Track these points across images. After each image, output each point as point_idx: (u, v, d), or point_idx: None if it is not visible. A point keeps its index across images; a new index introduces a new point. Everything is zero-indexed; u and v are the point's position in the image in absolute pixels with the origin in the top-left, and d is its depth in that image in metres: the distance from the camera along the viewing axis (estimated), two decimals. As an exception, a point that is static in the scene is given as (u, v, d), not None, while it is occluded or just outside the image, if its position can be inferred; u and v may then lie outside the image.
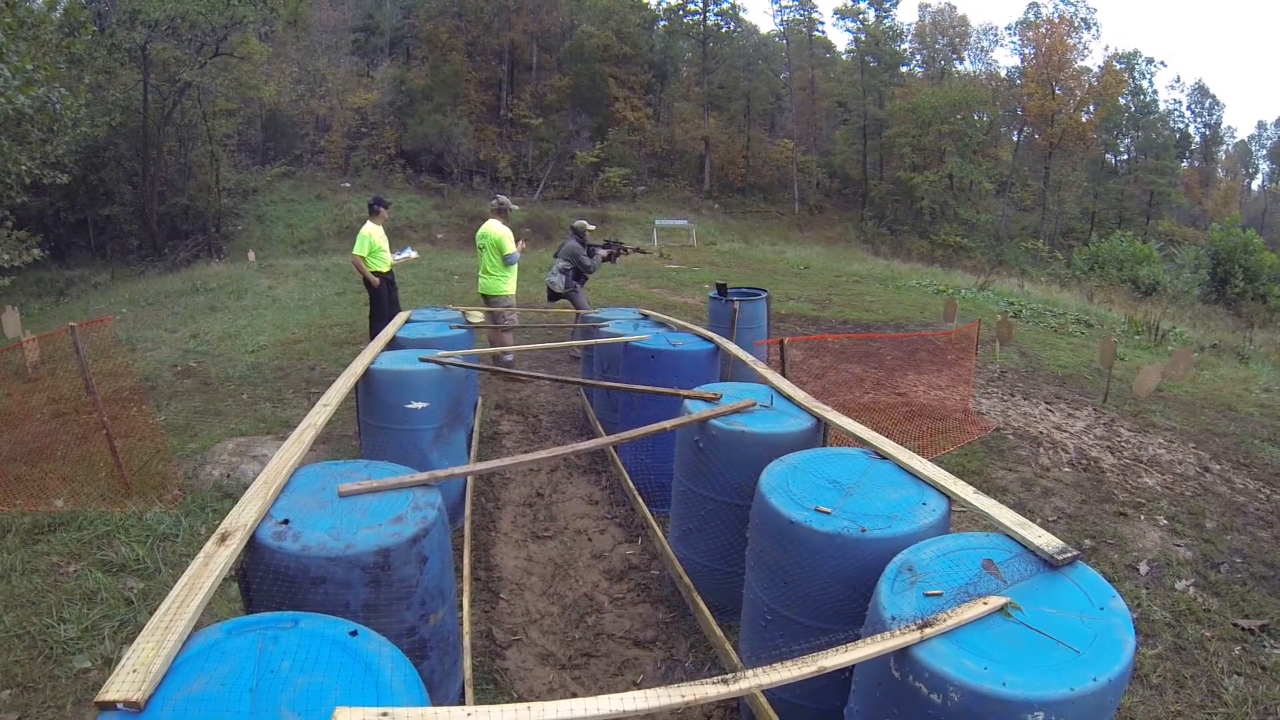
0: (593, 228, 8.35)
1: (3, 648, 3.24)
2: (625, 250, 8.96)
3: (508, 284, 7.59)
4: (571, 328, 8.14)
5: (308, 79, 32.08)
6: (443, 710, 1.48)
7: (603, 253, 8.37)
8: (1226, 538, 4.61)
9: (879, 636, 1.80)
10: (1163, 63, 75.71)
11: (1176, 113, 50.71)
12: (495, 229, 7.47)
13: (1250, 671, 3.31)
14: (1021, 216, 43.92)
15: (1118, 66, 44.61)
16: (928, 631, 1.77)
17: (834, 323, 11.75)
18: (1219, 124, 53.75)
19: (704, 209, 38.90)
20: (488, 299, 7.63)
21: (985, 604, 1.86)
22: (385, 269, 7.88)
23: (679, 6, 44.25)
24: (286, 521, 2.22)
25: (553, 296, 8.32)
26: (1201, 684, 3.22)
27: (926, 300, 15.02)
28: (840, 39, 55.24)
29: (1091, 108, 43.95)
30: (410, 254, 8.82)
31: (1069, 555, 2.04)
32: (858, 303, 13.96)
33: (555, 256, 8.27)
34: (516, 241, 7.66)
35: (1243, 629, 3.62)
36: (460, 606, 3.30)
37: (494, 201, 7.78)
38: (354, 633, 1.69)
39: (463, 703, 2.75)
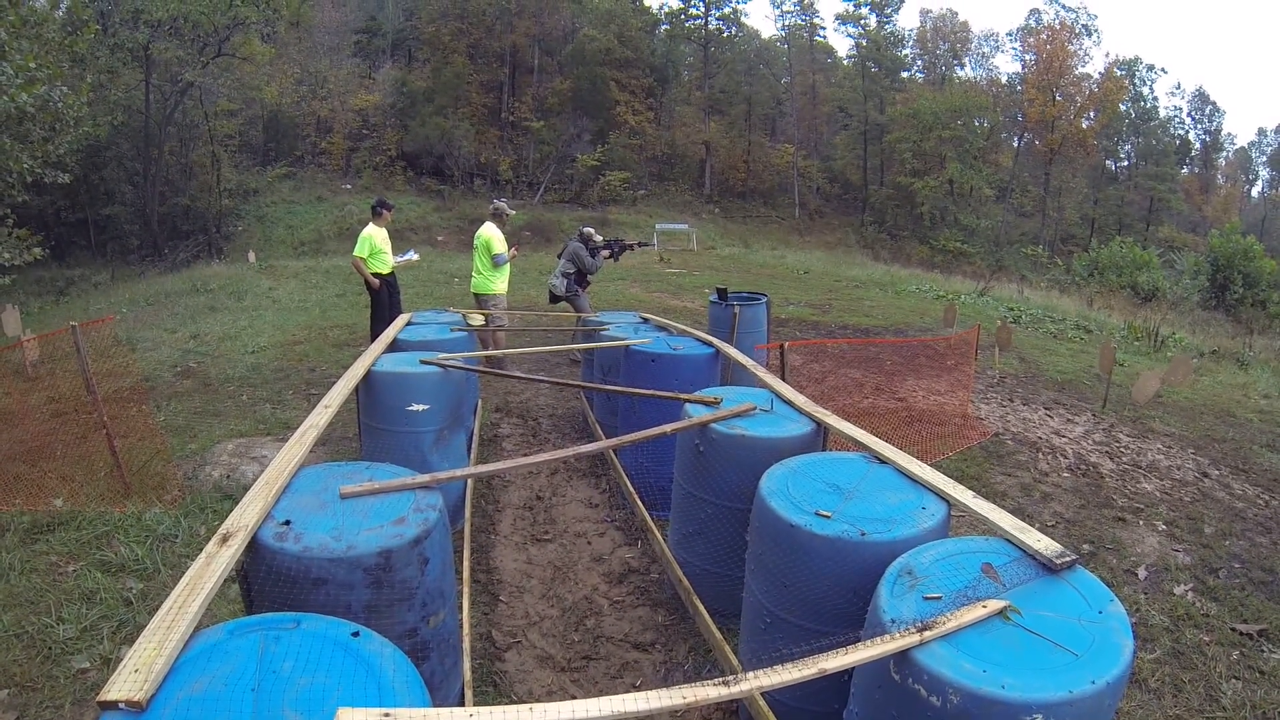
0: (600, 238, 8.39)
1: (1, 647, 3.24)
2: (629, 246, 8.98)
3: (497, 284, 7.72)
4: (572, 331, 8.16)
5: (309, 80, 32.19)
6: (445, 711, 1.48)
7: (604, 252, 8.39)
8: (1225, 543, 4.61)
9: (879, 639, 1.80)
10: (1163, 69, 75.99)
11: (1177, 119, 50.86)
12: (487, 231, 7.66)
13: (1248, 676, 3.32)
14: (1021, 222, 43.99)
15: (1118, 73, 44.75)
16: (927, 635, 1.77)
17: (834, 328, 11.76)
18: (1219, 130, 53.90)
19: (704, 213, 38.93)
20: (479, 298, 7.74)
21: (984, 607, 1.86)
22: (386, 271, 7.91)
23: (680, 10, 44.39)
24: (288, 522, 2.22)
25: (554, 299, 8.38)
26: (1200, 688, 3.23)
27: (926, 305, 15.03)
28: (841, 44, 55.49)
29: (1092, 114, 44.06)
30: (412, 256, 8.85)
31: (1068, 559, 2.05)
32: (857, 308, 13.97)
33: (559, 258, 8.31)
34: (510, 246, 7.77)
35: (1241, 634, 3.62)
36: (460, 608, 3.30)
37: (491, 206, 7.93)
38: (356, 634, 1.70)
39: (462, 704, 2.75)
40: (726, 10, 44.21)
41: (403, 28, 42.09)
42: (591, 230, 8.44)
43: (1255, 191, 59.14)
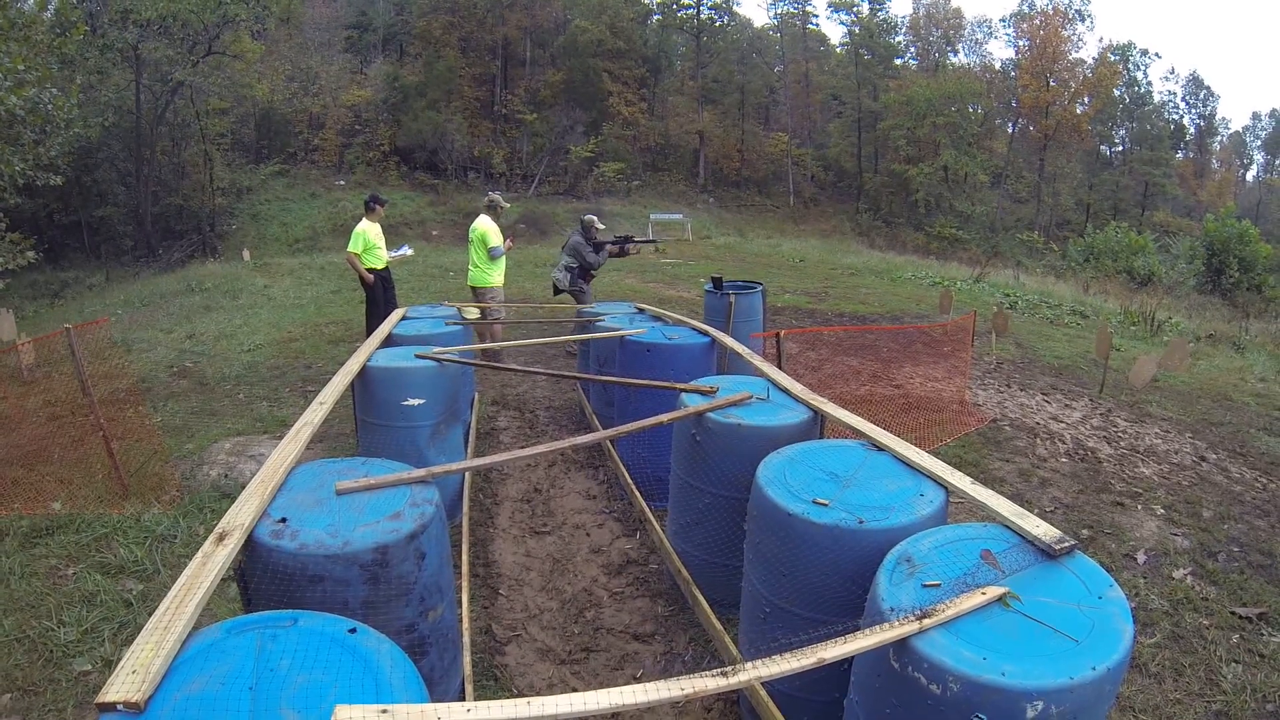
0: (602, 226, 8.22)
1: (3, 651, 3.23)
2: (636, 243, 8.81)
3: (494, 276, 7.69)
4: (567, 323, 8.12)
5: (301, 77, 31.97)
6: (442, 706, 1.47)
7: (612, 247, 8.24)
8: (1223, 526, 4.62)
9: (878, 628, 1.80)
10: (1157, 54, 75.94)
11: (1171, 104, 50.81)
12: (482, 224, 7.61)
13: (1248, 659, 3.33)
14: (1016, 208, 43.96)
15: (1112, 58, 44.67)
16: (926, 622, 1.77)
17: (830, 315, 11.76)
18: (1213, 115, 53.81)
19: (699, 203, 38.89)
20: (475, 291, 7.71)
21: (983, 594, 1.86)
22: (381, 266, 7.90)
23: (672, 0, 44.18)
24: (284, 520, 2.21)
25: (557, 291, 8.32)
26: (1200, 672, 3.23)
27: (922, 292, 15.03)
28: (834, 32, 55.44)
29: (1086, 99, 44.00)
30: (406, 251, 8.82)
31: (1067, 545, 2.05)
32: (853, 295, 13.97)
33: (561, 251, 8.23)
34: (505, 239, 7.72)
35: (1240, 617, 3.63)
36: (459, 603, 3.30)
37: (486, 198, 7.87)
38: (353, 630, 1.69)
39: (463, 699, 2.75)
40: (718, -1, 44.12)
41: (394, 22, 41.90)
42: (593, 218, 8.25)
43: (1250, 176, 59.10)
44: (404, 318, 5.74)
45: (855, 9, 45.93)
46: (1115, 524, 4.58)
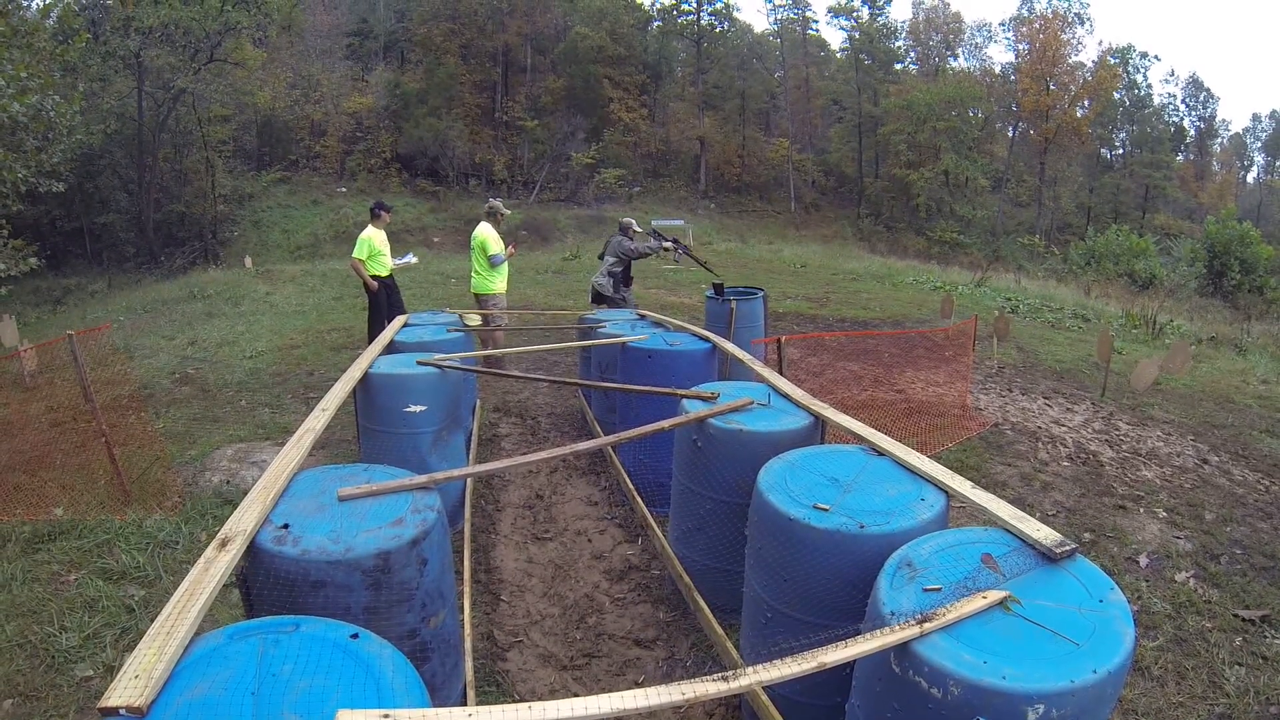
0: (640, 229, 8.11)
1: (5, 657, 3.23)
2: (691, 256, 8.55)
3: (496, 283, 7.69)
4: (569, 329, 8.10)
5: (302, 84, 32.18)
6: (444, 711, 1.48)
7: (669, 243, 7.98)
8: (1226, 529, 4.61)
9: (879, 632, 1.80)
10: (1157, 56, 76.08)
11: (1171, 106, 50.92)
12: (483, 231, 7.60)
13: (1251, 662, 3.32)
14: (1017, 212, 44.00)
15: (1112, 61, 44.76)
16: (927, 626, 1.77)
17: (831, 321, 11.76)
18: (1213, 117, 53.96)
19: (700, 209, 38.95)
20: (478, 297, 7.71)
21: (984, 598, 1.86)
22: (385, 273, 7.91)
23: (672, 7, 44.38)
24: (286, 526, 2.22)
25: (599, 299, 7.93)
26: (1203, 675, 3.23)
27: (923, 297, 15.02)
28: (834, 37, 55.59)
29: (1086, 103, 44.07)
30: (410, 259, 8.84)
31: (1068, 548, 2.05)
32: (855, 300, 13.96)
33: (601, 257, 8.07)
34: (507, 245, 7.72)
35: (1243, 620, 3.62)
36: (461, 609, 3.30)
37: (486, 205, 7.88)
38: (355, 636, 1.70)
39: (464, 704, 2.75)
40: (718, 5, 44.25)
41: (394, 29, 42.05)
42: (631, 221, 8.09)
43: (1250, 177, 59.18)
44: (406, 324, 5.75)
45: (855, 14, 46.10)
46: (1117, 527, 4.58)
